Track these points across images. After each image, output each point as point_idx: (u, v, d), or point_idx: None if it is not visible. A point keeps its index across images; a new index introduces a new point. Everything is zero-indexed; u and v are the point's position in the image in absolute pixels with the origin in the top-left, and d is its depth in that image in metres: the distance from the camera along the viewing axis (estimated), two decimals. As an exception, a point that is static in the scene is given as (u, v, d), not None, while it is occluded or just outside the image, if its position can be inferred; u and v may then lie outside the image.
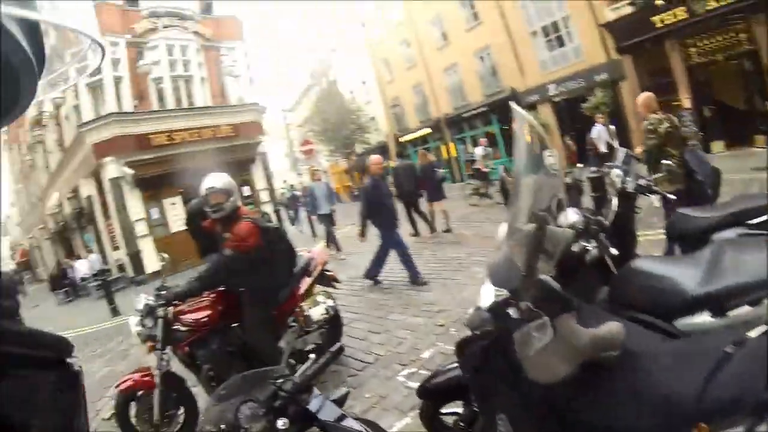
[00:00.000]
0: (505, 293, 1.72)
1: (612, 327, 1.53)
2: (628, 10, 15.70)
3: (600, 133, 13.60)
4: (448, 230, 10.30)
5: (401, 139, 30.64)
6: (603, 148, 12.64)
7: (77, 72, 0.65)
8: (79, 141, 16.32)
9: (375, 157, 7.65)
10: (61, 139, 19.20)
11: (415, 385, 3.81)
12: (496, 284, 1.79)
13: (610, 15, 16.37)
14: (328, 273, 4.74)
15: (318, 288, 4.72)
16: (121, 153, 15.27)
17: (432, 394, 2.66)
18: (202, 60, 17.93)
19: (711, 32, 14.08)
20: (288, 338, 4.18)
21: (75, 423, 0.61)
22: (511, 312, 1.69)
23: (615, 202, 2.97)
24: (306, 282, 4.40)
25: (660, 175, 3.94)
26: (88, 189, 17.54)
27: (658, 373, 1.43)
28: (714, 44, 14.21)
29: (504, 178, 10.89)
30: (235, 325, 4.00)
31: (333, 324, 4.71)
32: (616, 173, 3.07)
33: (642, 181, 3.09)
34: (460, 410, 2.56)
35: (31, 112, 22.74)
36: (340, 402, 1.64)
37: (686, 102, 13.76)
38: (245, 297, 3.92)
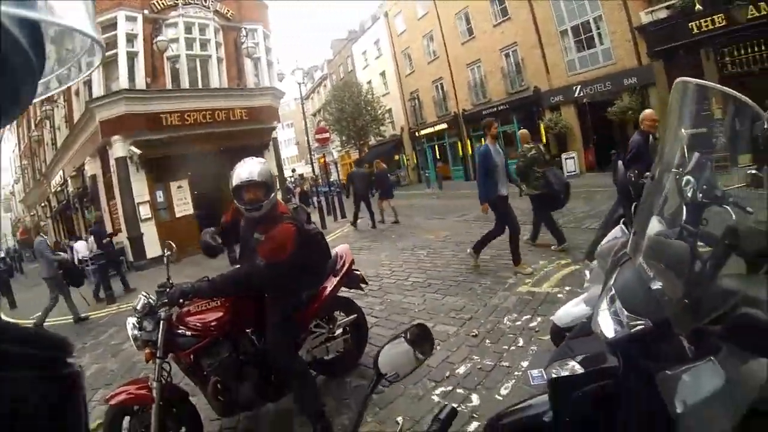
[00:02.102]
0: (645, 323, 1.38)
1: None
2: (664, 14, 15.44)
3: None
4: (396, 222, 13.27)
5: (417, 133, 30.28)
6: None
7: (77, 71, 0.63)
8: (87, 117, 15.83)
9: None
10: (70, 115, 18.60)
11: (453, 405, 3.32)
12: (632, 311, 1.42)
13: (645, 18, 16.02)
14: (356, 273, 4.14)
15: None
16: (130, 132, 14.74)
17: None
18: (221, 40, 17.36)
19: (749, 42, 13.80)
20: (309, 345, 3.71)
21: (75, 424, 0.57)
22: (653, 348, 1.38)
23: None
24: (332, 282, 3.80)
25: (530, 185, 7.38)
26: (93, 168, 17.14)
27: None
28: (751, 55, 13.96)
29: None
30: (249, 330, 3.45)
31: (358, 330, 4.15)
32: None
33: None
34: None
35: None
36: (447, 420, 1.18)
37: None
38: (269, 301, 3.32)
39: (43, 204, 29.88)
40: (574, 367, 1.59)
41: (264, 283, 3.17)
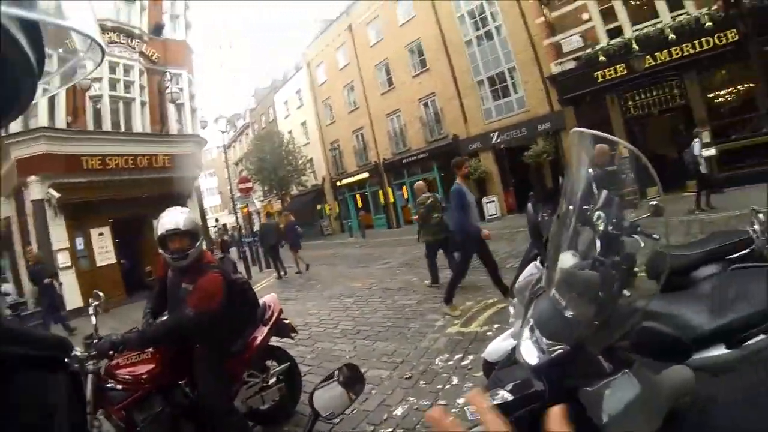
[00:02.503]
0: (563, 347, 1.55)
1: (682, 371, 1.48)
2: (572, 64, 16.80)
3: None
4: (300, 272, 14.07)
5: (338, 183, 30.63)
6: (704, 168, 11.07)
7: (77, 72, 0.64)
8: (2, 154, 14.82)
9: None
10: (-18, 152, 17.44)
11: None
12: (550, 337, 1.60)
13: (555, 68, 17.35)
14: (285, 322, 4.23)
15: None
16: (49, 173, 14.05)
17: None
18: (144, 83, 17.05)
19: (647, 88, 15.39)
20: (243, 396, 3.78)
21: (75, 422, 0.64)
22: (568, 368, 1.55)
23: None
24: (262, 332, 3.86)
25: (430, 230, 8.23)
26: (6, 209, 15.97)
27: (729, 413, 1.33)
28: (650, 99, 15.53)
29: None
30: (181, 382, 3.40)
31: (291, 378, 4.22)
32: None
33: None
34: None
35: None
36: None
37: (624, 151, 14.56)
38: (199, 352, 3.31)
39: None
40: (504, 395, 1.72)
41: (194, 332, 3.13)
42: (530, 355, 1.66)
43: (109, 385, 3.01)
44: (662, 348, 1.41)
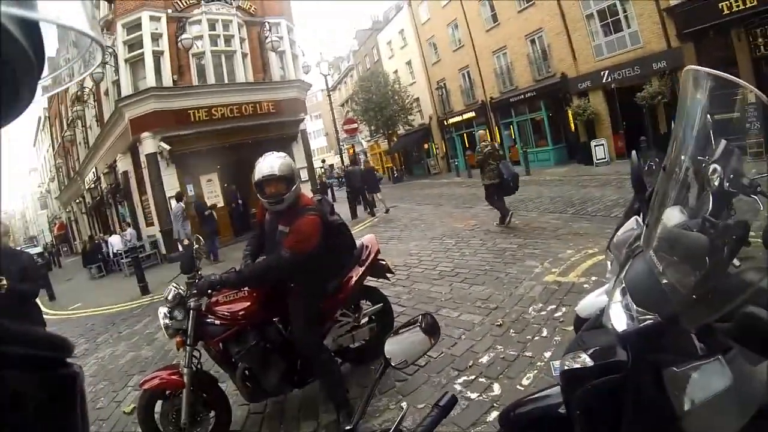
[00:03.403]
0: (654, 318, 1.36)
1: None
2: None
3: None
4: (387, 211, 14.68)
5: (445, 122, 30.07)
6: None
7: (78, 71, 0.63)
8: (117, 116, 16.21)
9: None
10: (100, 115, 19.10)
11: (474, 395, 3.43)
12: (641, 304, 1.40)
13: None
14: (381, 263, 4.13)
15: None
16: (159, 128, 15.04)
17: (516, 426, 2.10)
18: (244, 35, 17.45)
19: None
20: (335, 334, 3.76)
21: (73, 425, 0.57)
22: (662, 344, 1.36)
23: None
24: (358, 272, 3.81)
25: (486, 174, 8.94)
26: (124, 164, 17.49)
27: None
28: None
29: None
30: (275, 319, 3.51)
31: (383, 318, 4.16)
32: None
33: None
34: None
35: (72, 88, 23.23)
36: (447, 408, 1.18)
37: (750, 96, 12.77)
38: (294, 291, 3.37)
39: (77, 200, 30.70)
40: (585, 359, 1.57)
41: (289, 273, 3.23)
42: (618, 320, 1.46)
43: (208, 320, 3.21)
44: (766, 340, 1.13)
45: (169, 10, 15.82)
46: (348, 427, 1.11)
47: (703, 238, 1.42)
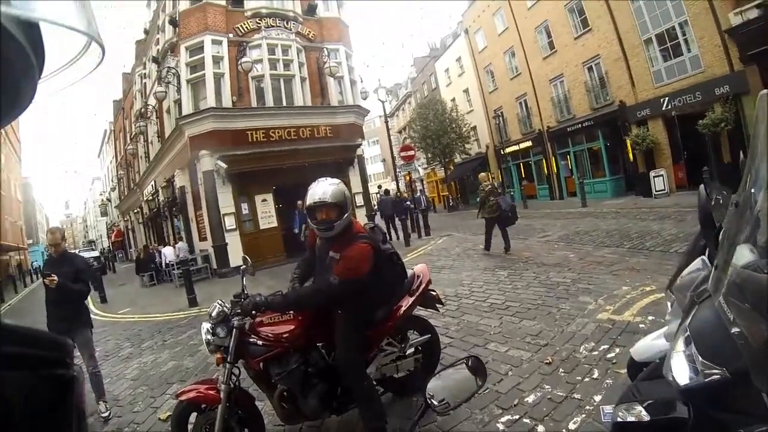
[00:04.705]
0: (721, 372, 1.25)
1: None
2: (755, 13, 14.08)
3: None
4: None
5: (503, 151, 29.99)
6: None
7: (79, 72, 0.66)
8: (177, 133, 16.85)
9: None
10: (162, 131, 19.99)
11: None
12: (708, 357, 1.29)
13: (734, 19, 14.74)
14: (432, 293, 4.05)
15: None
16: (217, 147, 15.50)
17: None
18: (303, 60, 17.91)
19: None
20: (379, 363, 3.69)
21: (67, 426, 0.59)
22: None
23: None
24: (407, 302, 3.76)
25: (486, 210, 10.40)
26: (182, 179, 18.10)
27: None
28: None
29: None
30: (319, 344, 3.48)
31: (430, 350, 4.08)
32: None
33: None
34: None
35: (136, 105, 24.38)
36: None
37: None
38: (340, 317, 3.33)
39: (135, 211, 32.03)
40: (641, 413, 1.48)
41: (338, 300, 3.20)
42: (680, 372, 1.38)
43: (251, 339, 3.21)
44: None
45: (230, 35, 16.47)
46: None
47: None
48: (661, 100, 18.04)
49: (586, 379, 3.91)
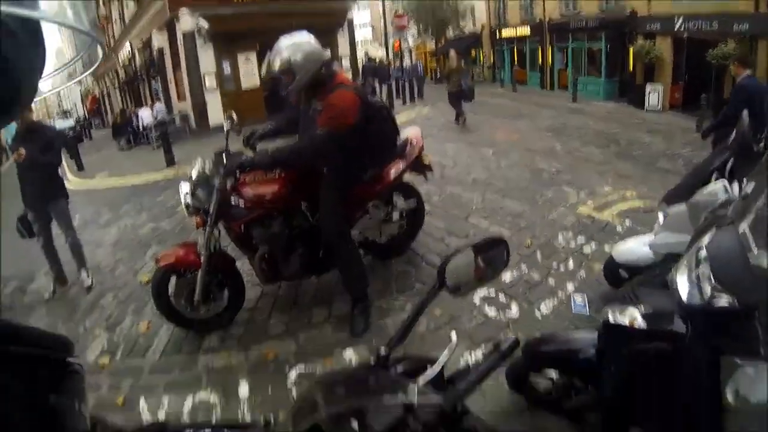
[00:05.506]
0: (729, 300, 1.22)
1: None
2: None
3: None
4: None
5: (498, 34, 28.70)
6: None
7: (79, 70, 0.68)
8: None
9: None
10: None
11: (492, 312, 3.38)
12: (720, 281, 1.25)
13: None
14: (423, 159, 3.90)
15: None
16: (198, 5, 14.41)
17: (536, 358, 2.12)
18: None
19: None
20: (362, 226, 3.59)
21: (73, 423, 0.59)
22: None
23: None
24: (399, 165, 3.61)
25: (451, 84, 11.60)
26: (160, 41, 17.09)
27: None
28: None
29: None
30: (303, 205, 3.34)
31: (414, 216, 4.05)
32: None
33: None
34: (556, 378, 2.11)
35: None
36: (508, 351, 0.93)
37: None
38: (326, 177, 3.19)
39: (110, 75, 30.67)
40: (636, 319, 1.47)
41: (323, 154, 3.03)
42: (686, 289, 1.34)
43: (232, 201, 3.08)
44: None
45: None
46: (383, 353, 0.94)
47: None
48: (676, 18, 16.87)
49: (561, 268, 3.98)
